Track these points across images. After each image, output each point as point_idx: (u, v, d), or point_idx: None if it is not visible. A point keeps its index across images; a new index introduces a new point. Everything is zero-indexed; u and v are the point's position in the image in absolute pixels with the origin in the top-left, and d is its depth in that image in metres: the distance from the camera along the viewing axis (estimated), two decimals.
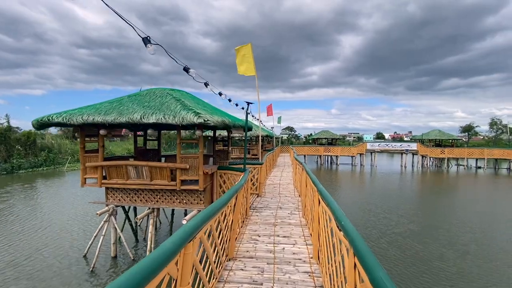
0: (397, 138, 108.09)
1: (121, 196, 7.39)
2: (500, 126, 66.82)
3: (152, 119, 5.85)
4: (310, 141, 50.36)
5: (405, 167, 35.32)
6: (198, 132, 6.12)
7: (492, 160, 35.44)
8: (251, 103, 6.70)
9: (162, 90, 7.49)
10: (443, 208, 14.38)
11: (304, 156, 35.37)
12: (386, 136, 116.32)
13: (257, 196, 9.10)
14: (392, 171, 32.25)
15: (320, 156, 37.47)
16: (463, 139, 62.20)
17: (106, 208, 7.24)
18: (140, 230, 9.84)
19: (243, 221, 6.06)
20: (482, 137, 72.92)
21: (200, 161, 6.58)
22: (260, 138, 10.22)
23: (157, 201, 7.26)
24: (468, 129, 68.54)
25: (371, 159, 35.91)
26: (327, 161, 40.34)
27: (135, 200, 7.36)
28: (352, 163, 36.62)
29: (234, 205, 4.38)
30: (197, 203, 7.11)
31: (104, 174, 7.15)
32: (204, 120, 5.60)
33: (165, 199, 7.21)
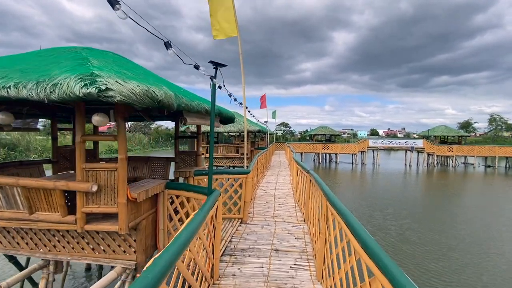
0: (391, 135, 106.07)
1: None
2: (499, 123, 65.01)
3: None
4: (307, 138, 47.37)
5: (410, 166, 32.62)
6: (95, 118, 2.90)
7: (497, 159, 33.08)
8: (224, 66, 3.50)
9: (68, 48, 4.19)
10: (481, 231, 11.47)
11: (301, 154, 32.30)
12: (380, 132, 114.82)
13: (241, 223, 5.95)
14: (397, 170, 29.43)
15: (318, 154, 34.46)
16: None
17: None
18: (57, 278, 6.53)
19: None
20: (474, 133, 71.01)
21: (121, 177, 3.35)
22: (246, 134, 7.02)
23: (54, 246, 4.01)
24: (466, 125, 66.53)
25: (373, 157, 33.08)
26: (325, 159, 37.41)
27: (18, 244, 4.11)
28: (352, 162, 33.71)
29: None
30: (125, 251, 3.88)
31: None
32: (99, 89, 2.36)
33: (68, 243, 3.96)
